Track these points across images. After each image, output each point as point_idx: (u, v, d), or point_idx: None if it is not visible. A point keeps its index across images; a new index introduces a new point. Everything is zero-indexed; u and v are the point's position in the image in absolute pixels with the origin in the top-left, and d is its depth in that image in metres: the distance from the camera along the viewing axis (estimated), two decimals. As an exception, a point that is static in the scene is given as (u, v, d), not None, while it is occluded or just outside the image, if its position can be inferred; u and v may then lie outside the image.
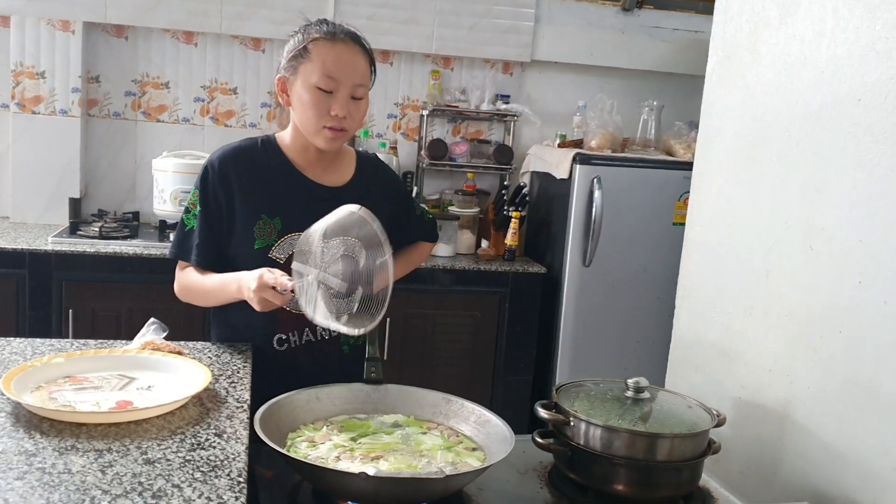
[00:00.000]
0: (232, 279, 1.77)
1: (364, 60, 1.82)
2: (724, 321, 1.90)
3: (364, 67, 1.82)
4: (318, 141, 1.83)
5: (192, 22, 3.79)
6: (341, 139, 1.84)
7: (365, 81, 1.82)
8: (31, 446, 1.25)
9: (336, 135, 1.82)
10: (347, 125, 1.81)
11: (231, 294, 1.77)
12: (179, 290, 1.94)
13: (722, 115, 1.97)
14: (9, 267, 3.18)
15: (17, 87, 3.65)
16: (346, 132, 1.83)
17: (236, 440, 1.36)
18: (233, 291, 1.76)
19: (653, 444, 1.49)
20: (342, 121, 1.79)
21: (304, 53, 1.79)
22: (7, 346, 1.73)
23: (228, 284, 1.78)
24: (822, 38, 1.64)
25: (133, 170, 3.95)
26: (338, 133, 1.81)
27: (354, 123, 1.84)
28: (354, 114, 1.82)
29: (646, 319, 3.71)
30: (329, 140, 1.82)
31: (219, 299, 1.85)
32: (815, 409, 1.64)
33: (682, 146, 3.80)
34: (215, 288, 1.83)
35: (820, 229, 1.63)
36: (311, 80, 1.78)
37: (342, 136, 1.83)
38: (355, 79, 1.79)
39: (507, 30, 4.09)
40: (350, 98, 1.80)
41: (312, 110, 1.79)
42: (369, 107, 1.97)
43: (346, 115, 1.79)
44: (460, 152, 4.07)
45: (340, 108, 1.78)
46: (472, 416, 1.63)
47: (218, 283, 1.82)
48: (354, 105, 1.81)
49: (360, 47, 1.82)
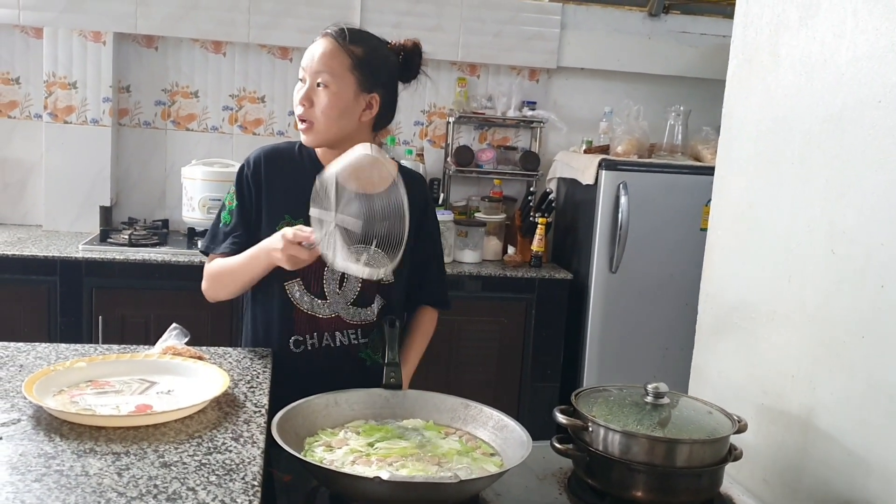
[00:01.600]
0: (257, 250, 1.79)
1: (337, 52, 1.81)
2: (747, 326, 1.88)
3: (333, 58, 1.80)
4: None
5: (220, 31, 3.84)
6: (310, 132, 1.84)
7: (324, 68, 1.80)
8: (50, 449, 1.27)
9: (304, 127, 1.84)
10: (312, 116, 1.82)
11: (261, 264, 1.79)
12: (206, 283, 1.94)
13: (742, 119, 1.94)
14: (41, 274, 3.25)
15: (49, 97, 3.72)
16: (312, 124, 1.83)
17: (252, 444, 1.37)
18: (262, 260, 1.77)
19: (672, 449, 1.47)
20: (307, 111, 1.81)
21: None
22: (32, 350, 1.76)
23: (256, 256, 1.79)
24: (842, 40, 1.62)
25: (163, 178, 4.01)
26: (305, 124, 1.83)
27: (322, 115, 1.82)
28: (318, 103, 1.81)
29: (674, 326, 3.67)
30: (301, 133, 1.86)
31: (248, 275, 1.85)
32: (838, 416, 1.61)
33: (709, 151, 3.77)
34: (243, 264, 1.83)
35: (841, 233, 1.60)
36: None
37: (310, 129, 1.83)
38: (316, 66, 1.80)
39: (532, 36, 4.09)
40: (315, 87, 1.81)
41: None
42: (397, 114, 1.99)
43: (306, 102, 1.81)
44: (487, 159, 4.08)
45: (301, 97, 1.81)
46: (491, 422, 1.63)
47: (244, 258, 1.83)
48: (316, 93, 1.81)
49: (338, 41, 1.82)
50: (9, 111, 3.83)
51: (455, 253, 3.78)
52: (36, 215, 3.89)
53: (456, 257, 3.78)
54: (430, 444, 1.55)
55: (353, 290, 1.89)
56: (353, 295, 1.89)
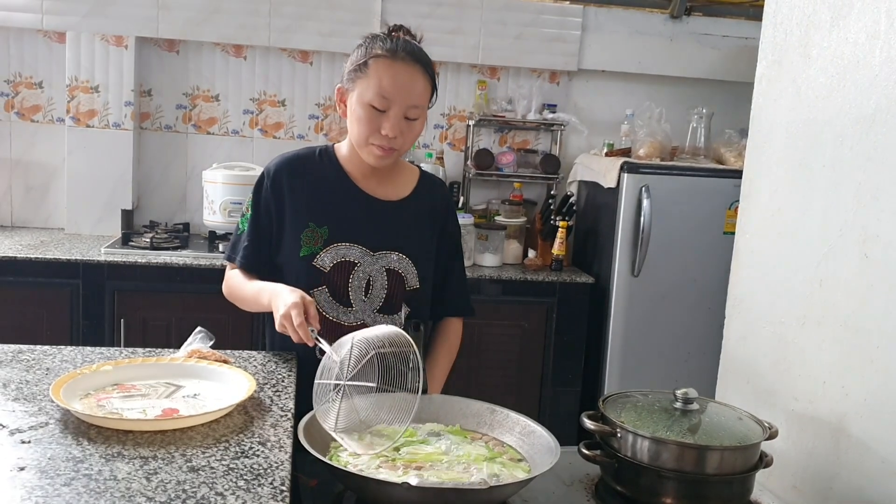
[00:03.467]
0: (268, 291, 1.78)
1: (423, 81, 1.78)
2: (777, 331, 1.85)
3: (421, 88, 1.78)
4: (366, 156, 1.83)
5: (241, 35, 3.85)
6: (390, 158, 1.82)
7: (421, 102, 1.79)
8: (78, 453, 1.26)
9: (384, 153, 1.80)
10: (397, 144, 1.79)
11: (263, 305, 1.79)
12: (226, 290, 1.98)
13: (772, 121, 1.92)
14: (63, 277, 3.26)
15: (72, 101, 3.74)
16: (395, 151, 1.81)
17: (280, 449, 1.36)
18: (264, 303, 1.78)
19: (702, 456, 1.45)
20: (392, 140, 1.78)
21: (363, 68, 1.77)
22: (58, 353, 1.76)
23: (262, 295, 1.79)
24: (876, 41, 1.60)
25: (184, 181, 4.02)
26: (386, 152, 1.80)
27: (406, 143, 1.82)
28: (406, 134, 1.80)
29: (697, 331, 3.64)
30: (377, 157, 1.81)
31: (254, 307, 1.87)
32: (871, 422, 1.58)
33: (732, 154, 3.74)
34: (252, 295, 1.85)
35: (875, 236, 1.58)
36: (366, 96, 1.76)
37: (391, 154, 1.81)
38: (410, 100, 1.76)
39: (553, 39, 4.08)
40: (403, 118, 1.77)
41: (364, 127, 1.78)
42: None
43: (397, 134, 1.77)
44: (507, 162, 4.06)
45: (391, 128, 1.76)
46: (517, 427, 1.61)
47: (255, 291, 1.84)
48: (407, 125, 1.79)
49: (420, 66, 1.78)
50: (32, 115, 3.86)
51: (475, 257, 3.76)
52: (58, 218, 3.91)
53: (476, 261, 3.77)
54: (456, 449, 1.53)
55: (379, 297, 1.88)
56: (379, 302, 1.88)
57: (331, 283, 1.84)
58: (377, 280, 1.87)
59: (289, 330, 1.65)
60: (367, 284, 1.86)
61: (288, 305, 1.65)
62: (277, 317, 1.68)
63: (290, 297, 1.67)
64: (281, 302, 1.68)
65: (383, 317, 1.88)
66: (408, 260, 1.89)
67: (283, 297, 1.69)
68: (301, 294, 1.69)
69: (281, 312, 1.66)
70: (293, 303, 1.65)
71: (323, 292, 1.84)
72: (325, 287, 1.84)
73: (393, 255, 1.88)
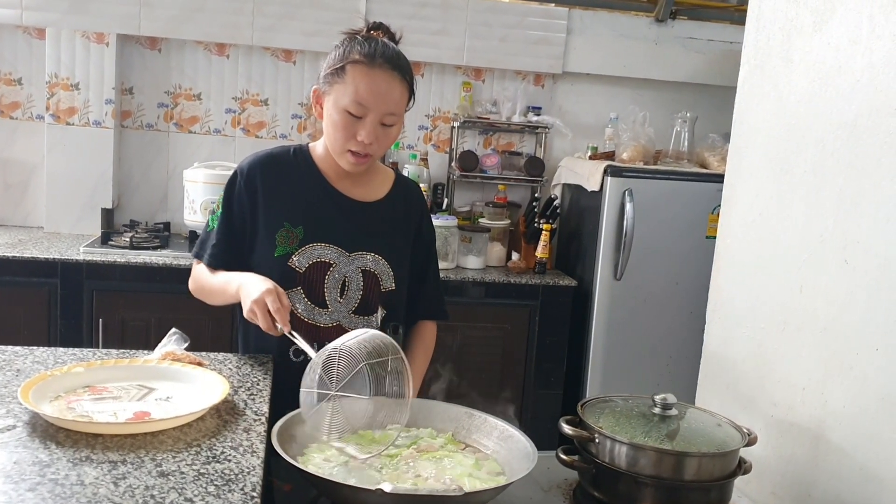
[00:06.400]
0: (237, 281, 1.75)
1: (400, 88, 1.76)
2: (756, 337, 1.85)
3: (398, 95, 1.76)
4: (341, 162, 1.81)
5: (224, 34, 3.82)
6: (365, 163, 1.81)
7: (397, 109, 1.77)
8: (45, 457, 1.24)
9: (359, 160, 1.79)
10: (372, 150, 1.78)
11: (230, 294, 1.76)
12: (192, 285, 1.94)
13: (754, 126, 1.92)
14: (41, 276, 3.22)
15: (51, 98, 3.70)
16: (370, 157, 1.80)
17: (252, 454, 1.33)
18: (232, 292, 1.74)
19: (680, 462, 1.45)
20: (367, 146, 1.76)
21: (340, 73, 1.75)
22: (30, 354, 1.73)
23: (230, 284, 1.76)
24: (858, 46, 1.59)
25: (165, 181, 3.98)
26: (361, 158, 1.79)
27: (381, 148, 1.80)
28: (382, 140, 1.78)
29: (678, 334, 3.65)
30: (352, 164, 1.80)
31: (220, 299, 1.84)
32: (850, 429, 1.58)
33: (716, 158, 3.74)
34: (220, 286, 1.81)
35: (856, 242, 1.58)
36: (342, 102, 1.74)
37: (366, 160, 1.80)
38: (387, 107, 1.75)
39: (538, 41, 4.07)
40: (379, 124, 1.76)
41: (340, 132, 1.76)
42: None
43: (373, 141, 1.75)
44: (491, 164, 4.05)
45: (367, 134, 1.74)
46: (495, 432, 1.60)
47: (223, 282, 1.81)
48: (383, 131, 1.77)
49: (398, 73, 1.76)
50: (11, 112, 3.81)
51: (459, 259, 3.75)
52: (37, 217, 3.87)
53: (460, 263, 3.75)
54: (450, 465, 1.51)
55: (355, 298, 1.86)
56: (354, 303, 1.86)
57: (306, 283, 1.82)
58: (353, 281, 1.85)
59: (259, 317, 1.62)
60: (342, 285, 1.84)
61: (262, 291, 1.62)
62: (247, 302, 1.64)
63: (262, 285, 1.65)
64: (253, 289, 1.65)
65: (359, 318, 1.86)
66: (384, 261, 1.88)
67: (256, 285, 1.66)
68: (274, 283, 1.67)
69: (253, 297, 1.62)
70: (266, 289, 1.63)
71: (298, 293, 1.82)
72: (300, 288, 1.82)
73: (368, 256, 1.86)
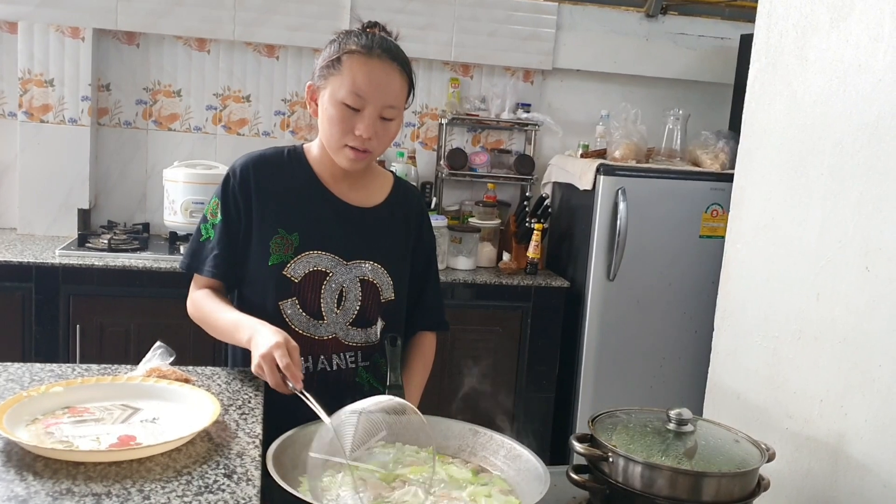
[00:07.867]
0: (248, 327, 1.63)
1: (399, 79, 1.68)
2: (770, 346, 1.78)
3: (398, 87, 1.68)
4: (339, 159, 1.71)
5: (204, 29, 3.70)
6: (364, 161, 1.71)
7: (397, 102, 1.68)
8: (21, 490, 1.14)
9: (358, 156, 1.69)
10: (372, 146, 1.68)
11: (239, 340, 1.65)
12: (192, 310, 1.81)
13: (765, 126, 1.84)
14: (15, 281, 3.10)
15: (24, 95, 3.57)
16: (369, 154, 1.70)
17: (247, 482, 1.24)
18: (242, 339, 1.63)
19: (698, 483, 1.38)
20: (366, 142, 1.66)
21: (335, 65, 1.66)
22: (4, 371, 1.61)
23: (241, 329, 1.64)
24: (879, 43, 1.52)
25: (143, 180, 3.86)
26: (360, 154, 1.69)
27: (381, 145, 1.71)
28: (382, 135, 1.69)
29: (672, 335, 3.59)
30: (350, 161, 1.70)
31: (226, 339, 1.73)
32: (872, 444, 1.51)
33: (708, 156, 3.67)
34: (227, 327, 1.70)
35: (878, 249, 1.51)
36: (338, 94, 1.65)
37: (365, 157, 1.70)
38: (386, 99, 1.66)
39: (527, 37, 3.98)
40: (379, 118, 1.66)
41: (337, 127, 1.67)
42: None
43: (372, 135, 1.66)
44: (480, 162, 3.97)
45: (366, 128, 1.65)
46: (502, 450, 1.52)
47: (231, 322, 1.69)
48: (382, 126, 1.68)
49: (397, 64, 1.67)
50: (-18, 110, 3.68)
51: (448, 259, 3.66)
52: (10, 218, 3.73)
53: (449, 264, 3.67)
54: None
55: (353, 309, 1.76)
56: (352, 315, 1.76)
57: (301, 294, 1.72)
58: (350, 291, 1.75)
59: (266, 373, 1.51)
60: (339, 296, 1.75)
61: (270, 345, 1.51)
62: (256, 356, 1.53)
63: (272, 337, 1.53)
64: (262, 340, 1.54)
65: (357, 330, 1.76)
66: (383, 270, 1.78)
67: (266, 336, 1.55)
68: (285, 335, 1.56)
69: (261, 352, 1.52)
70: (276, 342, 1.51)
71: (293, 304, 1.72)
72: (295, 298, 1.72)
73: (367, 265, 1.77)
